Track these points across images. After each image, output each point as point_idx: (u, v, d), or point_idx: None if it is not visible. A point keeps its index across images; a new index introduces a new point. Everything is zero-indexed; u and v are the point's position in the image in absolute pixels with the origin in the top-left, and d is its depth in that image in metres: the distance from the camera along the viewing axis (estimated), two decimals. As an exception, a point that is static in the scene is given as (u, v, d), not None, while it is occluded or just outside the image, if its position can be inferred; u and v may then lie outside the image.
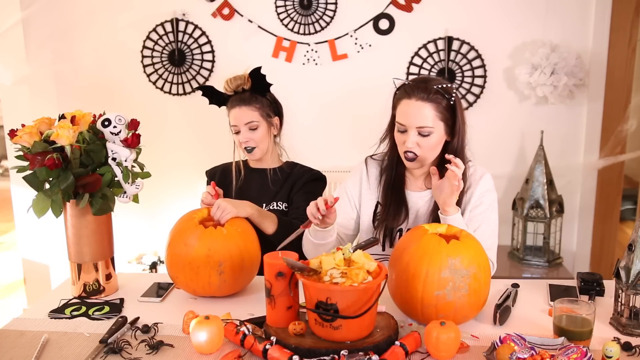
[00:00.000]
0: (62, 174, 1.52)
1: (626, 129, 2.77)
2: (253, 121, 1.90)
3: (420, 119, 1.57)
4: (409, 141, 1.60)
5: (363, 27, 2.85)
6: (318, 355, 1.24)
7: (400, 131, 1.63)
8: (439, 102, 1.58)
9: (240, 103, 1.90)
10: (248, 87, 1.91)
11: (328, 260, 1.29)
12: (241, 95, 1.91)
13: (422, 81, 1.61)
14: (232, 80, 1.91)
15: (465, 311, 1.38)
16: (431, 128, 1.58)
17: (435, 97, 1.58)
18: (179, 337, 1.39)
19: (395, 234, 1.75)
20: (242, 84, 1.90)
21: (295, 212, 1.92)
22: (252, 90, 1.91)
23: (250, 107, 1.89)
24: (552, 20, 2.76)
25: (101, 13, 2.94)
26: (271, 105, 1.95)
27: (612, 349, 1.20)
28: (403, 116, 1.60)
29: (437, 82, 1.60)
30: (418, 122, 1.58)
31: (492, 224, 1.69)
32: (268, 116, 1.93)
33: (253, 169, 2.02)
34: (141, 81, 2.99)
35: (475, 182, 1.70)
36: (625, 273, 1.37)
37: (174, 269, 1.61)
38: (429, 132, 1.59)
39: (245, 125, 1.90)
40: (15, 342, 1.39)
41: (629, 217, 4.07)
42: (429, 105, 1.57)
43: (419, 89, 1.58)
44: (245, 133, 1.91)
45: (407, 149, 1.61)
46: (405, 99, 1.60)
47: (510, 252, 2.82)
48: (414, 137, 1.59)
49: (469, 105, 2.87)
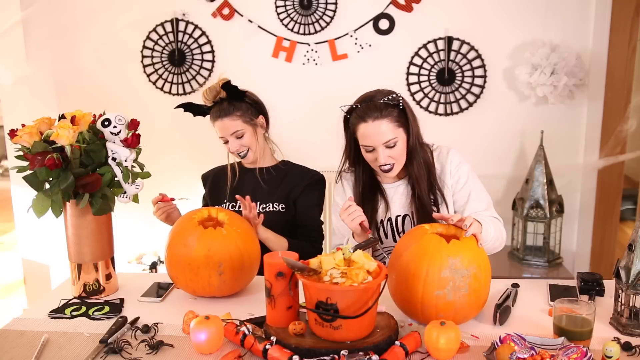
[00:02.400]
0: (62, 174, 1.52)
1: (626, 129, 2.77)
2: (237, 130, 1.90)
3: (383, 135, 1.66)
4: (380, 157, 1.69)
5: (363, 27, 2.85)
6: (318, 355, 1.24)
7: (368, 151, 1.71)
8: (391, 113, 1.67)
9: (220, 114, 1.89)
10: (225, 95, 1.90)
11: (328, 260, 1.29)
12: (220, 105, 1.90)
13: (368, 100, 1.69)
14: (208, 92, 1.91)
15: (466, 311, 1.38)
16: (395, 138, 1.67)
17: (387, 111, 1.67)
18: (179, 337, 1.39)
19: (386, 224, 1.81)
20: (218, 93, 1.90)
21: (302, 231, 1.95)
22: (228, 99, 1.90)
23: (231, 118, 1.89)
24: (552, 20, 2.76)
25: (101, 13, 2.94)
26: (252, 108, 1.94)
27: (612, 349, 1.20)
28: (366, 139, 1.68)
29: (380, 94, 1.70)
30: (382, 139, 1.67)
31: (479, 189, 1.77)
32: (251, 120, 1.92)
33: (247, 169, 2.03)
34: (141, 81, 2.99)
35: (444, 162, 1.79)
36: (625, 273, 1.37)
37: (174, 270, 1.61)
38: (394, 143, 1.68)
39: (231, 135, 1.91)
40: (15, 342, 1.39)
41: (629, 217, 4.07)
42: (384, 120, 1.66)
43: (370, 109, 1.67)
44: (234, 142, 1.92)
45: (381, 164, 1.70)
46: (362, 123, 1.67)
47: (510, 252, 2.82)
48: (384, 152, 1.68)
49: (469, 105, 2.87)
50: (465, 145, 2.88)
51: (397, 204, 1.81)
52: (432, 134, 2.86)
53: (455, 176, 1.77)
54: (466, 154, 2.84)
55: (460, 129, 2.89)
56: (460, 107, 2.88)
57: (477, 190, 1.77)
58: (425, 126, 2.17)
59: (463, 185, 1.76)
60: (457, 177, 1.77)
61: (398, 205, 1.81)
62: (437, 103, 2.88)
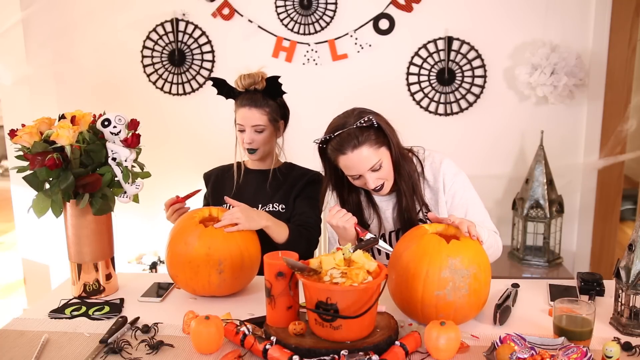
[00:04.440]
0: (62, 174, 1.52)
1: (626, 129, 2.77)
2: (260, 124, 1.86)
3: (366, 162, 1.59)
4: (369, 183, 1.63)
5: (363, 27, 2.85)
6: (318, 355, 1.24)
7: (355, 179, 1.66)
8: (369, 138, 1.59)
9: (250, 104, 1.85)
10: (261, 87, 1.86)
11: (328, 260, 1.29)
12: (252, 95, 1.85)
13: (340, 129, 1.59)
14: (245, 78, 1.85)
15: (465, 311, 1.38)
16: (379, 161, 1.61)
17: (364, 136, 1.58)
18: (179, 337, 1.39)
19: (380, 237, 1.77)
20: (255, 83, 1.85)
21: (299, 218, 1.90)
22: (264, 93, 1.86)
23: (259, 110, 1.85)
24: (552, 20, 2.76)
25: (101, 13, 2.94)
26: (279, 109, 1.91)
27: (612, 349, 1.20)
28: (350, 170, 1.62)
29: (352, 118, 1.60)
30: (366, 166, 1.60)
31: (476, 201, 1.72)
32: (275, 120, 1.90)
33: (250, 170, 2.01)
34: (141, 81, 2.99)
35: (437, 174, 1.73)
36: (625, 273, 1.37)
37: (174, 268, 1.61)
38: (379, 166, 1.61)
39: (251, 127, 1.86)
40: (15, 342, 1.39)
41: (629, 217, 4.07)
42: (364, 147, 1.58)
43: (345, 140, 1.58)
44: (250, 134, 1.87)
45: (372, 187, 1.64)
46: (341, 155, 1.60)
47: (510, 252, 2.82)
48: (371, 176, 1.62)
49: (469, 105, 2.87)
50: (465, 146, 2.89)
51: (389, 219, 1.77)
52: (432, 134, 2.89)
53: (451, 191, 1.71)
54: (466, 154, 2.87)
55: (460, 129, 2.89)
56: (460, 107, 2.88)
57: (474, 205, 1.72)
58: (425, 126, 2.20)
59: (459, 200, 1.71)
60: (452, 191, 1.71)
61: (391, 220, 1.77)
62: (437, 103, 2.88)
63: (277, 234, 1.75)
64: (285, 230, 1.78)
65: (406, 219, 1.71)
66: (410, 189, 1.69)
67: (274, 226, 1.74)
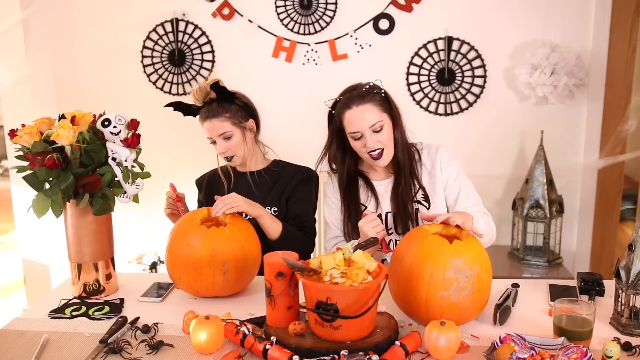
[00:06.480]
0: (62, 174, 1.52)
1: (626, 129, 2.77)
2: (225, 131, 1.87)
3: (368, 119, 1.70)
4: (368, 142, 1.71)
5: (363, 27, 2.85)
6: (318, 355, 1.24)
7: (356, 139, 1.73)
8: (374, 98, 1.72)
9: (209, 115, 1.87)
10: (214, 96, 1.88)
11: (328, 260, 1.29)
12: (209, 106, 1.88)
13: (351, 90, 1.76)
14: (198, 92, 1.89)
15: (469, 311, 1.38)
16: (380, 122, 1.71)
17: (370, 96, 1.72)
18: (179, 337, 1.39)
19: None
20: (208, 94, 1.88)
21: (294, 222, 1.91)
22: (218, 100, 1.88)
23: (219, 119, 1.87)
24: (552, 20, 2.76)
25: (101, 13, 2.94)
26: (242, 110, 1.91)
27: (612, 349, 1.20)
28: (353, 125, 1.72)
29: (362, 84, 1.77)
30: (368, 123, 1.70)
31: (468, 185, 1.81)
32: (240, 123, 1.90)
33: (240, 173, 2.01)
34: (141, 81, 2.99)
35: (434, 159, 1.82)
36: (625, 273, 1.37)
37: (176, 270, 1.61)
38: (380, 127, 1.71)
39: (219, 137, 1.88)
40: (15, 342, 1.39)
41: (629, 217, 4.07)
42: (368, 104, 1.71)
43: (353, 97, 1.72)
44: (221, 143, 1.89)
45: (370, 149, 1.72)
46: (347, 110, 1.72)
47: (510, 252, 2.82)
48: (371, 137, 1.71)
49: (469, 105, 2.87)
50: (465, 146, 2.89)
51: (387, 201, 1.82)
52: (432, 134, 2.88)
53: (446, 172, 1.80)
54: (466, 154, 2.87)
55: (460, 129, 2.89)
56: (460, 107, 2.88)
57: (467, 187, 1.81)
58: (425, 126, 2.20)
59: (453, 181, 1.80)
60: (447, 173, 1.80)
61: (388, 202, 1.82)
62: (437, 103, 2.88)
63: (271, 228, 1.79)
64: (278, 226, 1.81)
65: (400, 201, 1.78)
66: (406, 164, 1.78)
67: (269, 219, 1.79)
